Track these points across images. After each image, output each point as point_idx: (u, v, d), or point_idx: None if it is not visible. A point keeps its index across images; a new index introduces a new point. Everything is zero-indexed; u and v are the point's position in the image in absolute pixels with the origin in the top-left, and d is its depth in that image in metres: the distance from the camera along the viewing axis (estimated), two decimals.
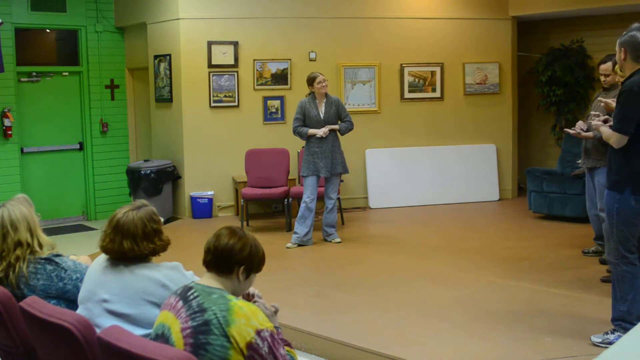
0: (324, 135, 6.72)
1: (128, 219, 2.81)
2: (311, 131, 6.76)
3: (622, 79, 5.17)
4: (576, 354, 3.98)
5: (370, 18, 8.83)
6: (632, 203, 3.93)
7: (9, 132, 8.32)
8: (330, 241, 6.94)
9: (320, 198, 7.10)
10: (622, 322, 4.02)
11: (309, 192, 6.81)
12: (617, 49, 4.06)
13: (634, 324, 3.84)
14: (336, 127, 6.82)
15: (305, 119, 6.82)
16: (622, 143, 3.93)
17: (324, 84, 6.78)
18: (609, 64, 5.67)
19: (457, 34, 9.12)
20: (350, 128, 6.88)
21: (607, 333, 4.09)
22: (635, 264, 4.01)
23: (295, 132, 6.86)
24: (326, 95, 6.84)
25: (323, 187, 7.00)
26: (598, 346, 4.04)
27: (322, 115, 6.79)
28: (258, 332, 2.35)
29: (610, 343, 3.95)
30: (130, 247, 2.78)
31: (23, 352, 2.90)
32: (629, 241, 4.00)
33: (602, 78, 5.77)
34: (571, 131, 5.69)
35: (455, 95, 9.20)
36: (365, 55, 8.85)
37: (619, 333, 4.00)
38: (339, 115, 6.86)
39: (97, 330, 2.60)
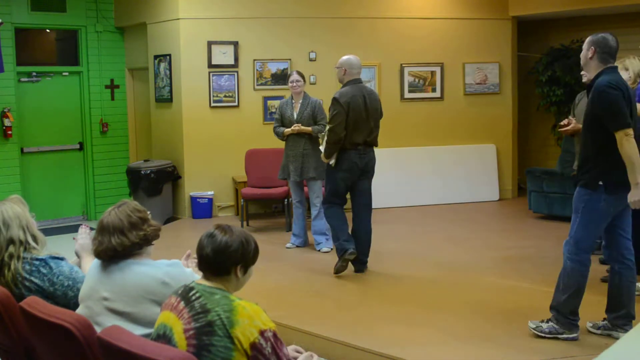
0: (292, 132, 6.58)
1: (111, 217, 2.87)
2: (285, 131, 6.67)
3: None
4: (576, 354, 3.98)
5: (370, 18, 8.83)
6: (602, 202, 3.96)
7: (9, 132, 8.32)
8: (318, 250, 6.65)
9: None
10: (556, 312, 4.18)
11: (293, 194, 6.82)
12: (585, 46, 4.08)
13: (566, 318, 4.13)
14: (308, 129, 6.57)
15: (282, 119, 6.76)
16: (632, 137, 3.84)
17: (294, 84, 6.62)
18: None
19: (457, 34, 9.13)
20: (321, 131, 6.50)
21: (542, 321, 4.24)
22: (586, 264, 4.10)
23: (274, 132, 6.83)
24: (304, 96, 6.67)
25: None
26: (534, 332, 4.22)
27: (295, 116, 6.66)
28: (261, 333, 2.35)
29: (543, 332, 4.18)
30: (120, 241, 2.80)
31: (23, 352, 2.90)
32: (588, 239, 4.06)
33: (584, 79, 5.79)
34: (563, 129, 5.71)
35: (455, 95, 9.20)
36: (365, 55, 8.80)
37: (552, 323, 4.17)
38: (314, 117, 6.62)
39: (98, 329, 2.61)
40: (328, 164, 5.87)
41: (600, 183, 3.96)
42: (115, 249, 2.80)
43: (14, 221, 3.12)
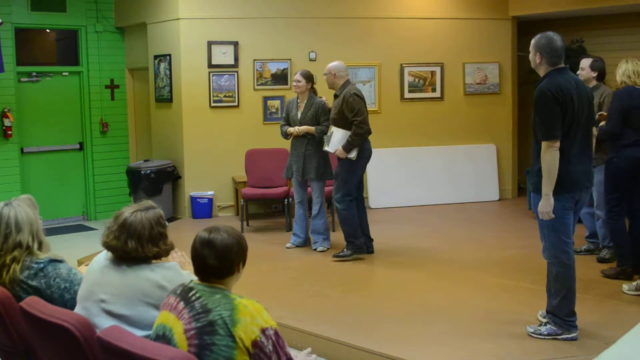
0: (294, 133, 6.57)
1: (136, 219, 2.79)
2: (288, 130, 6.67)
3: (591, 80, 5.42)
4: (576, 354, 3.98)
5: (370, 18, 8.83)
6: (555, 203, 4.01)
7: (9, 132, 8.31)
8: (314, 249, 6.65)
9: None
10: (552, 316, 4.19)
11: (295, 194, 6.80)
12: (531, 51, 4.16)
13: (563, 320, 4.13)
14: (311, 129, 6.52)
15: (288, 119, 6.76)
16: (556, 149, 3.95)
17: (294, 84, 6.64)
18: (589, 60, 5.83)
19: (457, 34, 9.12)
20: (324, 131, 6.43)
21: (540, 325, 4.26)
22: (569, 264, 4.11)
23: (280, 130, 6.83)
24: (310, 96, 6.62)
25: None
26: (531, 336, 4.22)
27: (298, 116, 6.64)
28: (263, 330, 2.37)
29: (541, 334, 4.19)
30: (134, 247, 2.76)
31: (23, 352, 2.90)
32: (561, 241, 4.07)
33: (579, 72, 5.85)
34: None
35: (455, 95, 9.20)
36: (365, 55, 8.85)
37: (550, 325, 4.19)
38: (317, 117, 6.56)
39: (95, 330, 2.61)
40: (345, 161, 6.18)
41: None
42: (127, 252, 2.78)
43: (26, 226, 3.10)
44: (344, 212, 6.22)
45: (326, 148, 6.33)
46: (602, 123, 5.55)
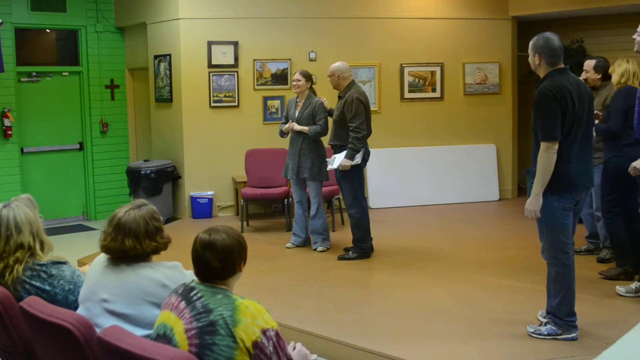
0: (288, 127, 6.57)
1: (130, 217, 2.80)
2: (284, 128, 6.68)
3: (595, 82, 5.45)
4: (576, 354, 3.98)
5: (370, 18, 8.83)
6: (554, 203, 4.02)
7: (9, 132, 8.32)
8: (314, 249, 6.66)
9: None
10: (552, 316, 4.20)
11: (294, 194, 6.79)
12: (530, 52, 4.17)
13: (563, 320, 4.13)
14: (305, 129, 6.48)
15: (287, 117, 6.75)
16: (554, 151, 3.96)
17: (294, 83, 6.62)
18: (593, 62, 5.81)
19: (457, 34, 9.12)
20: (318, 131, 6.43)
21: (540, 325, 4.26)
22: (568, 264, 4.11)
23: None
24: (308, 95, 6.59)
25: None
26: (531, 336, 4.23)
27: (296, 115, 6.62)
28: (264, 331, 2.37)
29: (541, 334, 4.19)
30: (132, 245, 2.77)
31: (23, 352, 2.90)
32: (560, 241, 4.08)
33: (584, 74, 5.85)
34: None
35: (455, 95, 9.20)
36: (365, 55, 8.85)
37: (550, 326, 4.19)
38: (313, 117, 6.53)
39: (97, 331, 2.61)
40: (343, 170, 6.15)
41: (546, 187, 4.03)
42: (126, 252, 2.78)
43: (26, 226, 3.10)
44: (357, 217, 6.25)
45: (330, 167, 6.33)
46: (597, 122, 5.55)
